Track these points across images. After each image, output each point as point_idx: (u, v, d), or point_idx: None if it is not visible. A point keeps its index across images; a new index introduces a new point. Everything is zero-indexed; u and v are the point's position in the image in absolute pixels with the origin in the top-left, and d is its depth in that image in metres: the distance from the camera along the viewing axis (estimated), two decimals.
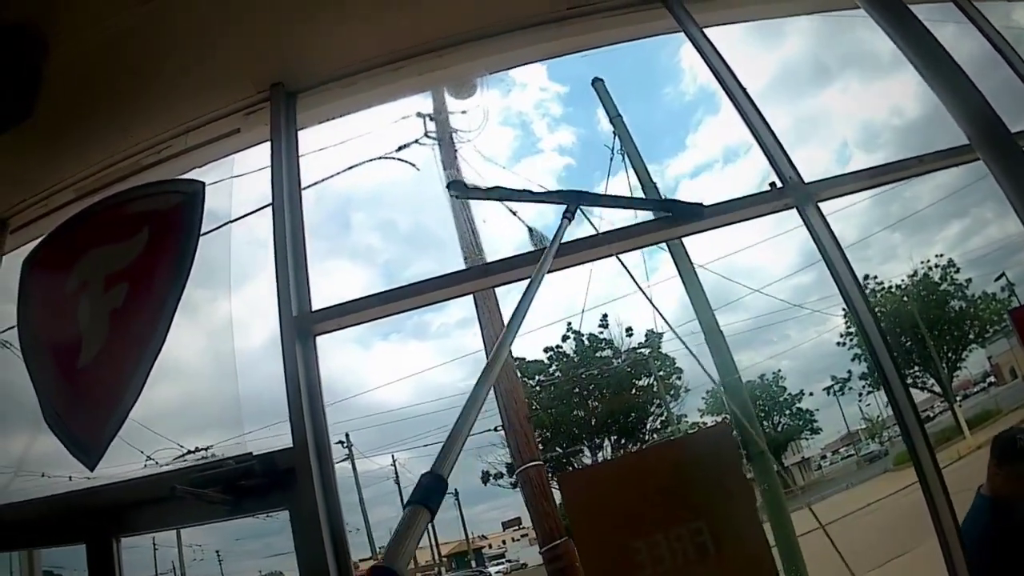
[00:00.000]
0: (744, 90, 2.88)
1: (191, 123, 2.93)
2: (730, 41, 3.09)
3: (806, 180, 2.60)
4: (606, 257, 2.64)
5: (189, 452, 3.86)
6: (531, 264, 2.56)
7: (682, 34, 2.90)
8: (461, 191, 2.51)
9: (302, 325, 2.42)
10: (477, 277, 2.55)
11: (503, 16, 2.86)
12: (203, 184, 2.75)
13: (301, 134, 2.84)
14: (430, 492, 0.95)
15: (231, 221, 3.00)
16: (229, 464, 2.42)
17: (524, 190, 2.58)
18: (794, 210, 2.61)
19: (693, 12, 2.92)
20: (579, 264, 2.66)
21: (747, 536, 2.29)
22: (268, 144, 2.79)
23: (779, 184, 2.65)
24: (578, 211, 2.22)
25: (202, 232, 2.71)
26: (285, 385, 2.36)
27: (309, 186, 3.70)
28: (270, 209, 2.62)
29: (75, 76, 2.75)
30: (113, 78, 2.82)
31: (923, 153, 2.77)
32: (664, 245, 7.35)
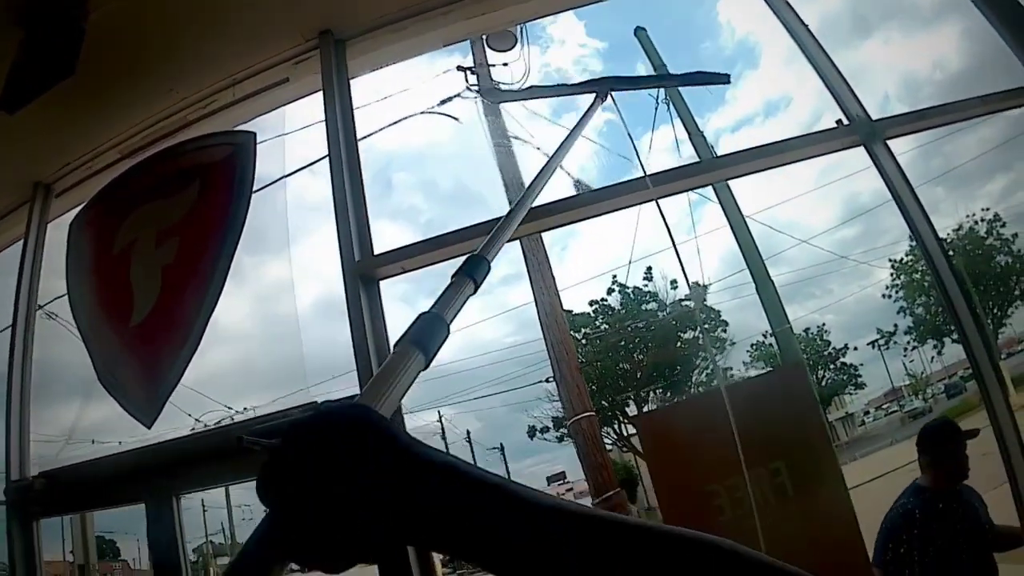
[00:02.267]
0: (806, 26, 2.79)
1: (238, 75, 2.86)
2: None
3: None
4: (650, 201, 2.59)
5: (237, 413, 3.82)
6: (582, 206, 2.53)
7: None
8: (495, 96, 2.49)
9: (365, 270, 2.35)
10: (541, 217, 2.46)
11: None
12: (254, 134, 2.69)
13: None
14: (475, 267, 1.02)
15: (286, 175, 2.92)
16: (293, 414, 2.37)
17: (558, 85, 2.55)
18: (854, 151, 2.52)
19: None
20: (625, 207, 2.60)
21: (825, 477, 2.22)
22: (317, 95, 2.74)
23: (845, 121, 2.56)
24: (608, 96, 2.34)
25: (255, 189, 2.65)
26: (350, 332, 2.30)
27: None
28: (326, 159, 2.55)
29: (116, 34, 2.67)
30: (155, 33, 2.75)
31: (988, 93, 2.68)
32: (715, 195, 7.26)
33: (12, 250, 3.87)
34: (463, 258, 1.05)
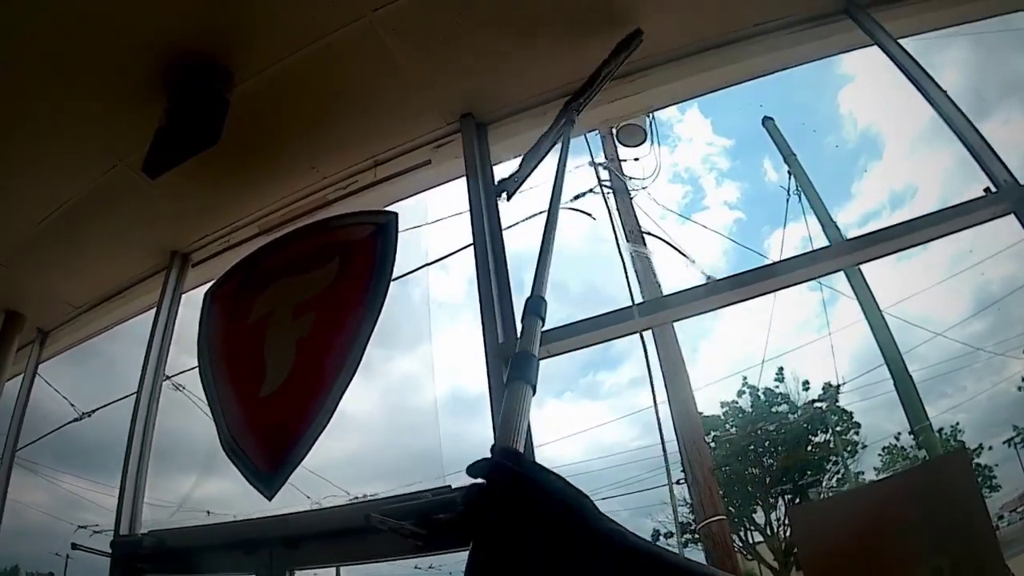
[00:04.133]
0: (944, 92, 2.67)
1: (379, 156, 2.95)
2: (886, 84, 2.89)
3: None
4: (785, 287, 2.46)
5: (356, 500, 3.79)
6: (712, 295, 2.43)
7: (840, 82, 2.84)
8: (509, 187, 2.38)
9: (509, 352, 2.30)
10: (674, 305, 2.41)
11: (686, 40, 2.77)
12: (396, 215, 2.74)
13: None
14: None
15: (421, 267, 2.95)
16: (425, 496, 2.29)
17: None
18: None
19: (882, 21, 2.74)
20: (758, 295, 2.48)
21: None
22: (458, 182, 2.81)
23: (993, 189, 2.38)
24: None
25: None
26: (491, 415, 2.23)
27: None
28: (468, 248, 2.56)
29: (261, 111, 2.81)
30: (299, 112, 2.87)
31: None
32: (851, 289, 7.03)
33: (143, 318, 4.05)
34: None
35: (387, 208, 2.88)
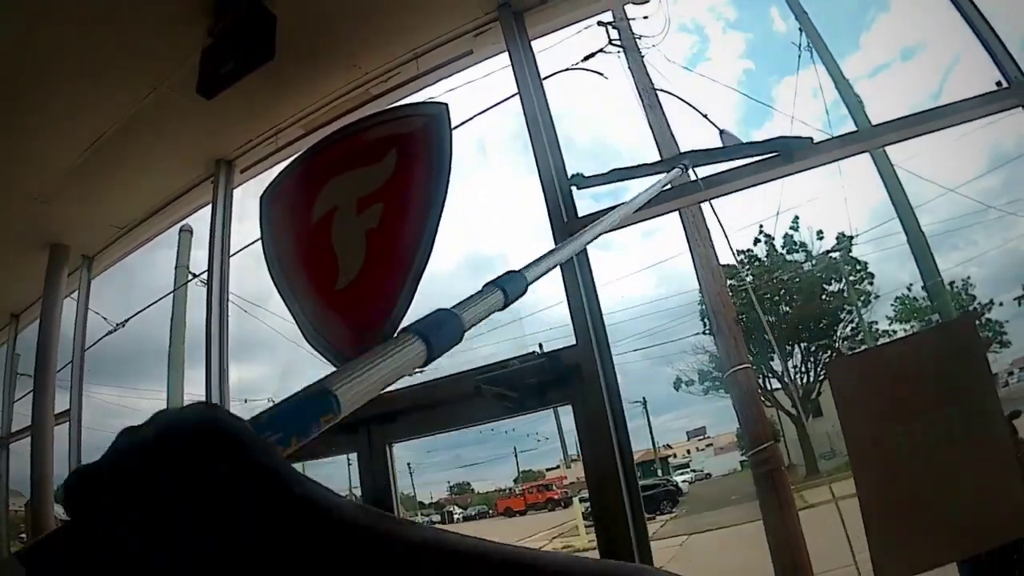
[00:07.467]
0: None
1: (419, 48, 3.01)
2: None
3: None
4: (807, 169, 2.66)
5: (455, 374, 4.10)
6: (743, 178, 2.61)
7: None
8: (582, 182, 2.61)
9: (573, 228, 2.53)
10: (706, 187, 2.59)
11: None
12: (446, 105, 2.83)
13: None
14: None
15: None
16: (514, 364, 2.58)
17: (640, 166, 2.70)
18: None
19: None
20: (778, 178, 2.68)
21: (991, 423, 2.34)
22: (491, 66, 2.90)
23: (1004, 84, 2.56)
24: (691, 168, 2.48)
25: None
26: (563, 286, 2.49)
27: (492, 107, 3.82)
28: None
29: (300, 12, 2.83)
30: (338, 10, 2.90)
31: None
32: None
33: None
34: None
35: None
